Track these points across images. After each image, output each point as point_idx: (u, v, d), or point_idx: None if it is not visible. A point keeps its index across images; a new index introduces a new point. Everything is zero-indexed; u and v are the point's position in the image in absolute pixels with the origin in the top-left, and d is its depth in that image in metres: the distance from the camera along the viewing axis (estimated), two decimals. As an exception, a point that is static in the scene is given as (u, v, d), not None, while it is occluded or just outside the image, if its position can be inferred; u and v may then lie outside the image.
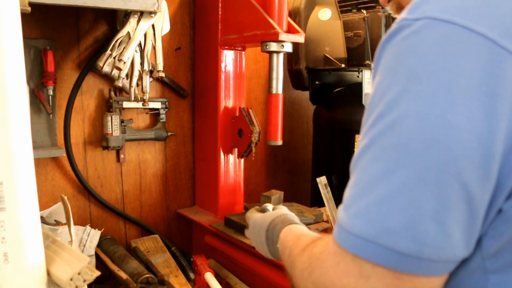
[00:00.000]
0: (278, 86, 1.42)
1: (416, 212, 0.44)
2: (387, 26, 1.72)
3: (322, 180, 1.64)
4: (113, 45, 1.29)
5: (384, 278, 0.46)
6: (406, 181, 0.44)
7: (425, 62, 0.44)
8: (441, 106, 0.43)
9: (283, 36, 1.33)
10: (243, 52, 1.63)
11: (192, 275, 1.44)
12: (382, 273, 0.46)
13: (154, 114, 1.68)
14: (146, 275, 1.30)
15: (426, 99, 0.44)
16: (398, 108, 0.45)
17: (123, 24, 1.31)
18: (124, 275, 1.31)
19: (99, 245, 1.48)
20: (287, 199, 1.60)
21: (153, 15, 1.29)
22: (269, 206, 1.00)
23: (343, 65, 1.75)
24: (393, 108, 0.46)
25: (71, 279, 0.71)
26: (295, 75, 1.83)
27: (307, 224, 1.46)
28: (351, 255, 0.47)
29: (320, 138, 1.90)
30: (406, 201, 0.44)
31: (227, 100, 1.61)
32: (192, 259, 1.49)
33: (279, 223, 0.84)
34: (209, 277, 1.35)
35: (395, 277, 0.45)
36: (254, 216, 0.95)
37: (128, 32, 1.29)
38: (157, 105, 1.65)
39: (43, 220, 1.22)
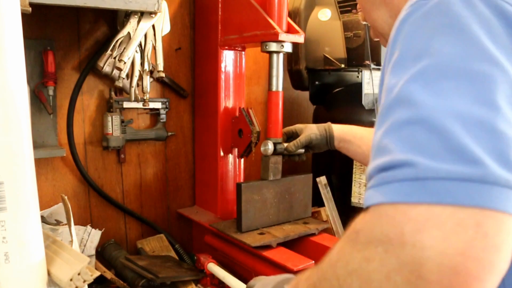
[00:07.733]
0: (278, 83, 1.41)
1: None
2: (387, 26, 1.72)
3: (322, 180, 1.64)
4: (114, 45, 1.30)
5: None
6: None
7: (456, 18, 0.47)
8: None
9: (283, 36, 1.33)
10: (243, 52, 1.63)
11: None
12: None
13: (154, 114, 1.69)
14: (146, 278, 1.31)
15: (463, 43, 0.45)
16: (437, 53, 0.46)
17: (123, 25, 1.31)
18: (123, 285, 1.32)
19: (102, 251, 1.48)
20: (287, 199, 1.60)
21: (153, 15, 1.30)
22: None
23: (342, 65, 1.75)
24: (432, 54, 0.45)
25: (71, 280, 0.71)
26: (295, 75, 1.83)
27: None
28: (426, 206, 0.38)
29: (320, 138, 1.90)
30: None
31: (227, 100, 1.61)
32: (195, 257, 1.49)
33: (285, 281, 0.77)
34: (212, 266, 1.39)
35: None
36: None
37: (129, 33, 1.29)
38: (157, 105, 1.66)
39: (44, 220, 1.23)
